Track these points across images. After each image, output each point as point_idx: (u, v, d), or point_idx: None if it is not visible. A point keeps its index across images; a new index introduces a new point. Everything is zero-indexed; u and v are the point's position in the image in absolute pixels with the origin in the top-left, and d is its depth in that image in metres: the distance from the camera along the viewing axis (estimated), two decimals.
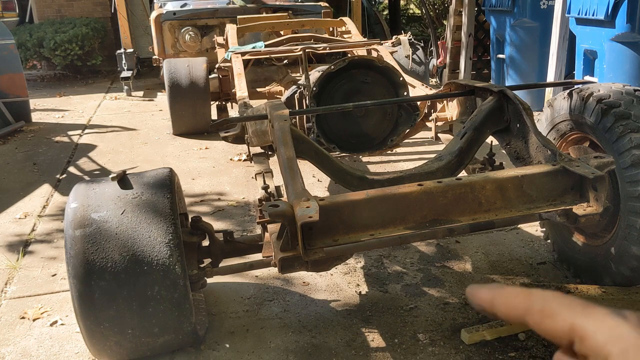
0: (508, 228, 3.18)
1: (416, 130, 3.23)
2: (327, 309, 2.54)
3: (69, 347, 2.34)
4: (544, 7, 5.53)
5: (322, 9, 6.34)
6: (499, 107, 2.38)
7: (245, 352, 2.26)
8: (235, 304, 2.61)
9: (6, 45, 5.88)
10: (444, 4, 10.52)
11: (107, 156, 5.03)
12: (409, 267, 2.89)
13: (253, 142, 2.70)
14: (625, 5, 4.03)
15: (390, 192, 1.82)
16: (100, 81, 8.95)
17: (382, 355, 2.23)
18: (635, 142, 2.20)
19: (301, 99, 3.10)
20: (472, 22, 6.55)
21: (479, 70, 7.06)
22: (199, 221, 2.28)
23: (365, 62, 2.91)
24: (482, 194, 1.88)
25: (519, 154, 2.31)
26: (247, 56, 4.06)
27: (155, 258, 1.88)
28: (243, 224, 3.50)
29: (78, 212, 1.92)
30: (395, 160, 4.61)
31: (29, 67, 8.98)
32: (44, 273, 2.97)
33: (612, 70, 4.28)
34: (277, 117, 2.23)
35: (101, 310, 1.88)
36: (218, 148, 5.11)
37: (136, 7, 9.35)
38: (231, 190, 4.08)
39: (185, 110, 5.29)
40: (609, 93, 2.36)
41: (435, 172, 2.31)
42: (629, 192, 2.24)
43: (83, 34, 8.58)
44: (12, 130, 5.83)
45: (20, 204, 3.97)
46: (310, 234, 1.73)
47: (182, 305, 1.94)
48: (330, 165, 2.29)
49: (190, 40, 6.18)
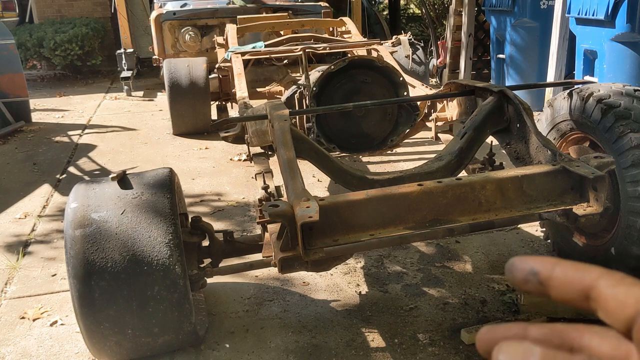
0: (508, 228, 3.18)
1: (416, 130, 3.23)
2: (327, 309, 2.54)
3: (69, 347, 2.34)
4: (544, 7, 5.52)
5: (322, 9, 6.34)
6: (499, 107, 2.38)
7: (245, 352, 2.26)
8: (235, 304, 2.61)
9: (6, 45, 5.88)
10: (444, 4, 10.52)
11: (107, 156, 5.03)
12: (409, 267, 2.89)
13: (253, 142, 2.70)
14: (625, 5, 4.03)
15: (390, 192, 1.82)
16: (100, 81, 8.95)
17: (382, 355, 2.23)
18: (635, 142, 2.20)
19: (301, 99, 3.10)
20: (472, 22, 6.55)
21: (479, 70, 7.06)
22: (199, 221, 2.28)
23: (365, 62, 2.91)
24: (482, 194, 1.88)
25: (519, 154, 2.31)
26: (247, 56, 4.06)
27: (155, 258, 1.88)
28: (243, 224, 3.50)
29: (78, 212, 1.92)
30: (395, 160, 4.61)
31: (29, 67, 8.98)
32: (43, 273, 2.97)
33: (612, 70, 4.28)
34: (277, 117, 2.23)
35: (101, 310, 1.88)
36: (218, 148, 5.11)
37: (136, 7, 9.34)
38: (231, 190, 4.08)
39: (185, 110, 5.29)
40: (609, 93, 2.36)
41: (435, 172, 2.31)
42: (629, 192, 2.24)
43: (83, 34, 8.58)
44: (12, 130, 5.83)
45: (20, 204, 3.97)
46: (310, 234, 1.73)
47: (182, 305, 1.94)
48: (330, 165, 2.29)
49: (190, 40, 6.18)
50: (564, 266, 0.39)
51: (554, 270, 0.39)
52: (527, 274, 0.40)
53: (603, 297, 0.36)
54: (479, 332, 0.41)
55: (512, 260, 0.41)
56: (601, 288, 0.36)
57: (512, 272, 0.41)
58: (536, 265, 0.39)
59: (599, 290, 0.36)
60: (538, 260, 0.40)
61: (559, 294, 0.38)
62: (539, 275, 0.39)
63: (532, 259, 0.40)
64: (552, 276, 0.39)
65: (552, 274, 0.39)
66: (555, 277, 0.38)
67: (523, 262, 0.40)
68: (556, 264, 0.39)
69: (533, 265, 0.39)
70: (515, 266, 0.40)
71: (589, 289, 0.37)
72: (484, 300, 2.56)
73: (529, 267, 0.40)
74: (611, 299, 0.36)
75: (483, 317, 2.43)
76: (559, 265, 0.39)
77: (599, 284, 0.37)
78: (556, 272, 0.38)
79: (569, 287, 0.38)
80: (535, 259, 0.40)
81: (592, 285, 0.37)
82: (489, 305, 2.53)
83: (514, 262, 0.41)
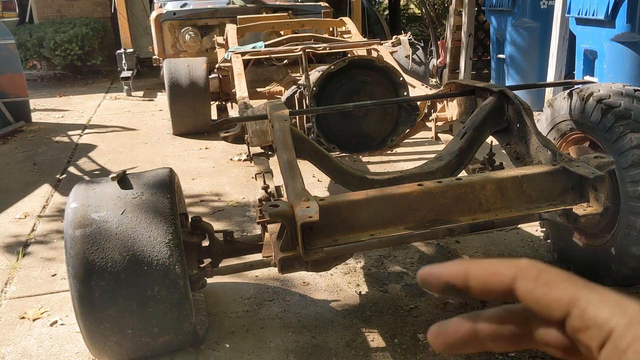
0: (508, 228, 3.18)
1: (416, 130, 3.23)
2: (327, 309, 2.54)
3: (69, 347, 2.34)
4: (544, 7, 5.52)
5: (322, 9, 6.34)
6: (499, 107, 2.38)
7: (245, 352, 2.26)
8: (235, 304, 2.61)
9: (6, 45, 5.88)
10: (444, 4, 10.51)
11: (107, 156, 5.03)
12: (409, 267, 2.89)
13: (253, 142, 2.70)
14: (625, 5, 4.03)
15: (390, 192, 1.82)
16: (100, 81, 8.95)
17: (382, 355, 2.23)
18: (635, 142, 2.20)
19: (301, 99, 3.10)
20: (472, 22, 6.55)
21: (479, 70, 7.06)
22: (199, 221, 2.28)
23: (366, 62, 2.91)
24: (482, 194, 1.88)
25: (519, 154, 2.31)
26: (247, 56, 4.06)
27: (155, 258, 1.88)
28: (243, 224, 3.49)
29: (78, 212, 1.92)
30: (395, 160, 4.61)
31: (29, 67, 8.98)
32: (43, 273, 2.97)
33: (612, 70, 4.28)
34: (277, 117, 2.23)
35: (101, 310, 1.88)
36: (218, 148, 5.11)
37: (136, 7, 9.34)
38: (231, 190, 4.08)
39: (185, 110, 5.29)
40: (609, 93, 2.36)
41: (435, 172, 2.31)
42: (629, 192, 2.24)
43: (83, 34, 8.58)
44: (12, 130, 5.83)
45: (20, 204, 3.97)
46: (310, 234, 1.73)
47: (182, 305, 1.94)
48: (330, 165, 2.29)
49: (190, 40, 6.18)
50: (476, 270, 0.38)
51: (468, 278, 0.38)
52: (443, 288, 0.39)
53: (531, 297, 0.36)
54: (430, 330, 0.40)
55: (422, 274, 0.40)
56: (525, 288, 0.36)
57: (427, 287, 0.40)
58: (449, 277, 0.38)
59: (524, 289, 0.36)
60: (448, 270, 0.39)
61: (481, 296, 0.38)
62: (455, 287, 0.38)
63: (442, 269, 0.39)
64: (467, 284, 0.38)
65: (466, 282, 0.38)
66: (471, 285, 0.38)
67: (434, 275, 0.39)
68: (467, 269, 0.38)
69: (446, 279, 0.39)
70: (427, 281, 0.39)
71: (509, 288, 0.37)
72: (483, 300, 2.56)
73: (442, 281, 0.39)
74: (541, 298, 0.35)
75: None
76: (471, 269, 0.38)
77: (520, 285, 0.36)
78: (471, 279, 0.38)
79: (488, 289, 0.38)
80: (444, 268, 0.39)
81: (512, 286, 0.36)
82: (489, 305, 2.53)
83: (425, 276, 0.39)
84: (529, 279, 0.36)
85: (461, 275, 0.38)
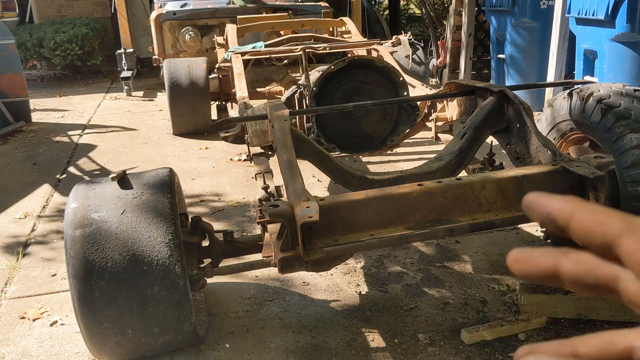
0: (508, 228, 3.18)
1: (416, 130, 3.23)
2: (327, 309, 2.54)
3: (69, 347, 2.34)
4: (544, 7, 5.53)
5: (322, 9, 6.34)
6: (499, 107, 2.38)
7: (245, 352, 2.26)
8: (235, 304, 2.61)
9: (6, 45, 5.88)
10: (444, 4, 10.52)
11: (107, 156, 5.03)
12: (409, 267, 2.89)
13: (253, 142, 2.70)
14: (625, 5, 4.03)
15: (390, 192, 1.82)
16: (100, 81, 8.95)
17: (382, 355, 2.23)
18: (635, 142, 2.20)
19: (301, 99, 3.10)
20: (472, 22, 6.55)
21: (479, 70, 7.06)
22: (199, 221, 2.28)
23: (365, 62, 2.91)
24: (482, 194, 1.88)
25: (519, 154, 2.31)
26: (247, 56, 4.06)
27: (155, 258, 1.88)
28: (243, 224, 3.49)
29: (78, 212, 1.92)
30: (395, 160, 4.61)
31: (29, 67, 8.98)
32: (43, 273, 2.97)
33: (612, 70, 4.28)
34: (277, 117, 2.23)
35: (101, 310, 1.88)
36: (218, 148, 5.11)
37: (136, 7, 9.34)
38: (231, 190, 4.08)
39: (185, 110, 5.29)
40: (609, 93, 2.36)
41: (435, 172, 2.31)
42: (629, 192, 2.24)
43: (83, 34, 8.58)
44: (12, 130, 5.83)
45: (20, 204, 3.97)
46: (310, 234, 1.73)
47: (182, 305, 1.94)
48: (330, 165, 2.29)
49: (190, 40, 6.18)
50: (583, 212, 0.36)
51: (572, 217, 0.36)
52: (544, 218, 0.37)
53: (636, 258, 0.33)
54: (511, 254, 0.38)
55: (529, 199, 0.38)
56: (631, 247, 0.33)
57: (529, 212, 0.38)
58: (554, 211, 0.37)
59: (629, 248, 0.34)
60: (555, 203, 0.37)
61: (578, 240, 0.36)
62: (556, 222, 0.37)
63: (549, 200, 0.37)
64: (569, 224, 0.36)
65: (569, 221, 0.36)
66: (573, 225, 0.36)
67: (540, 204, 0.38)
68: (574, 209, 0.36)
69: (550, 211, 0.37)
70: (531, 207, 0.38)
71: (612, 242, 0.34)
72: (484, 300, 2.56)
73: (546, 212, 0.37)
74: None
75: (483, 317, 2.43)
76: (578, 210, 0.36)
77: (626, 242, 0.34)
78: (574, 220, 0.36)
79: (588, 236, 0.36)
80: (552, 200, 0.37)
81: (615, 241, 0.34)
82: (489, 305, 2.53)
83: (530, 202, 0.38)
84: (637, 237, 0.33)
85: (566, 213, 0.36)
